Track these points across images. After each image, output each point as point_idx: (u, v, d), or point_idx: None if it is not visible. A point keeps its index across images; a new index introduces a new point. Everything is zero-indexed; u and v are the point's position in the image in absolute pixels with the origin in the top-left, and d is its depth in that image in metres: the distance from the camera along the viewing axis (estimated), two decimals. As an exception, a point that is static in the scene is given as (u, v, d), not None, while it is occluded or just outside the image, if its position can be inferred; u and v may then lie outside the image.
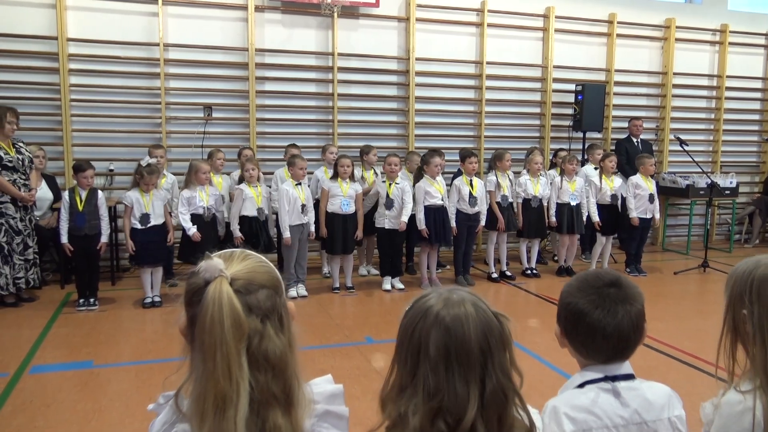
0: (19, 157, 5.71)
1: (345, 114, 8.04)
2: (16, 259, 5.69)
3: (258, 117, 7.68)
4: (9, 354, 4.59)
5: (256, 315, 1.10)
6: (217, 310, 1.06)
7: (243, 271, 1.13)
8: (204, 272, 1.10)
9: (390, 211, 6.45)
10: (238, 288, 1.10)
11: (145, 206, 5.80)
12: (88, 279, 5.82)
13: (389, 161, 6.47)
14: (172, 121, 7.46)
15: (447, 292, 1.24)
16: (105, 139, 7.22)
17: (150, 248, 5.84)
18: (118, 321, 5.49)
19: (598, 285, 1.48)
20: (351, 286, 6.55)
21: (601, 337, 1.45)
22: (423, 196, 6.50)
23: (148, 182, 5.78)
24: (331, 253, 6.49)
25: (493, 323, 1.19)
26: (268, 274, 1.17)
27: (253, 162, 6.25)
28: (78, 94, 7.13)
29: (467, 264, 6.96)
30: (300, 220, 6.23)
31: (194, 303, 1.12)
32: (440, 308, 1.20)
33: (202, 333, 1.07)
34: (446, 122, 8.45)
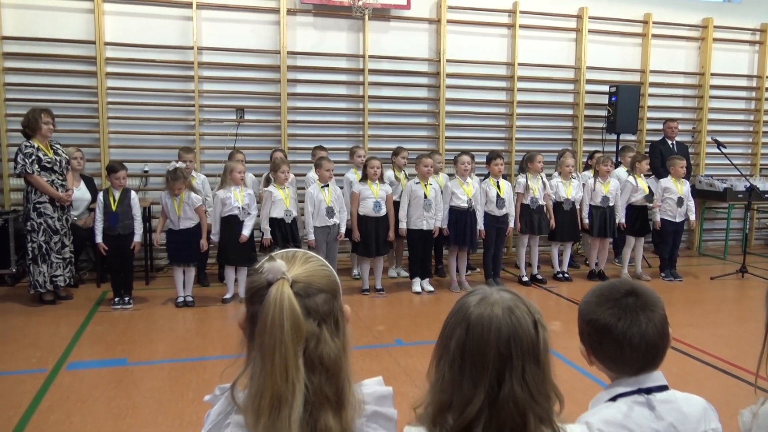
0: (56, 158, 5.86)
1: (375, 116, 8.05)
2: (54, 257, 5.82)
3: (289, 119, 7.74)
4: (47, 350, 4.70)
5: (314, 318, 1.13)
6: (278, 312, 1.08)
7: (303, 274, 1.15)
8: (267, 273, 1.13)
9: (429, 212, 6.44)
10: (297, 291, 1.13)
11: (176, 210, 5.89)
12: (122, 278, 5.93)
13: (424, 162, 6.46)
14: (205, 123, 7.57)
15: (491, 292, 1.24)
16: (140, 141, 7.36)
17: (182, 248, 5.93)
18: (152, 320, 5.58)
19: (616, 296, 1.45)
20: (380, 287, 6.55)
21: (629, 349, 1.42)
22: (450, 197, 6.47)
23: (173, 187, 5.87)
24: (366, 256, 6.50)
25: (524, 332, 1.16)
26: (327, 278, 1.18)
27: (288, 164, 6.30)
28: (114, 96, 7.28)
29: (497, 267, 6.90)
30: (326, 222, 6.25)
31: (255, 301, 1.15)
32: (473, 305, 1.20)
33: (263, 333, 1.09)
34: (477, 124, 8.40)
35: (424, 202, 6.42)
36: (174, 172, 5.90)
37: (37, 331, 5.20)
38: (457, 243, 6.54)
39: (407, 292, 6.56)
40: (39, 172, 5.71)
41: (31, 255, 5.76)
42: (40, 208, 5.74)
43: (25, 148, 5.69)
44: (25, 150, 5.68)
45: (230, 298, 6.13)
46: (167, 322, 5.54)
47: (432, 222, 6.45)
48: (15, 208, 6.87)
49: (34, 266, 5.77)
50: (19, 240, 6.38)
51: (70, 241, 6.01)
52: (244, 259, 6.10)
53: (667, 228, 7.21)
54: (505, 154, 8.02)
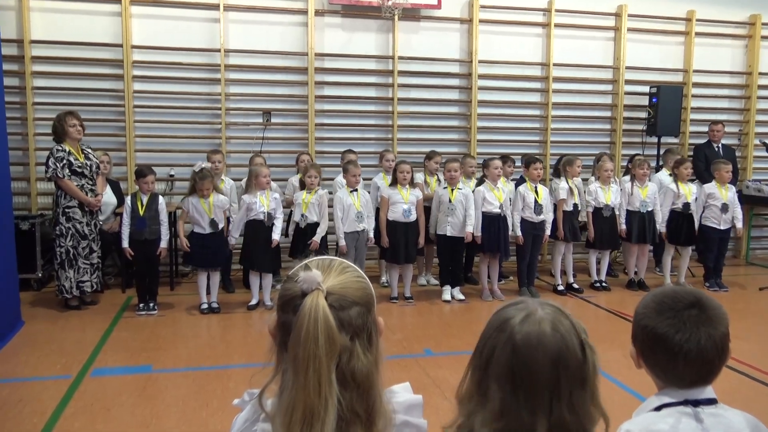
0: (87, 162, 5.96)
1: (405, 119, 8.05)
2: (81, 263, 5.91)
3: (317, 122, 7.78)
4: (72, 356, 4.78)
5: (347, 332, 1.13)
6: (313, 324, 1.08)
7: (338, 285, 1.15)
8: (302, 283, 1.13)
9: (452, 218, 6.40)
10: (331, 303, 1.12)
11: (208, 212, 5.94)
12: (148, 284, 6.01)
13: (449, 167, 6.43)
14: (231, 126, 7.65)
15: (534, 305, 1.20)
16: (166, 145, 7.47)
17: (207, 252, 5.99)
18: (177, 326, 5.64)
19: (678, 307, 1.41)
20: (410, 296, 6.53)
21: (683, 363, 1.39)
22: (481, 202, 6.44)
23: (202, 188, 5.92)
24: (394, 263, 6.49)
25: (571, 353, 1.13)
26: (362, 291, 1.18)
27: (317, 169, 6.31)
28: (141, 100, 7.41)
29: (531, 275, 6.82)
30: (355, 227, 6.26)
31: (288, 310, 1.15)
32: (517, 322, 1.17)
33: (296, 346, 1.09)
34: (510, 127, 8.34)
35: (447, 206, 6.39)
36: (202, 171, 5.95)
37: (62, 336, 5.30)
38: (489, 250, 6.49)
39: (437, 300, 6.53)
40: (69, 177, 5.82)
41: (59, 260, 5.87)
42: (69, 213, 5.84)
43: (56, 152, 5.81)
44: (56, 154, 5.80)
45: (255, 304, 6.17)
46: (192, 329, 5.60)
47: (456, 227, 6.40)
48: (42, 213, 7.03)
49: (61, 271, 5.87)
50: (45, 244, 6.51)
51: (98, 247, 6.11)
52: (269, 265, 6.15)
53: (711, 235, 7.04)
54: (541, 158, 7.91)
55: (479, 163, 7.11)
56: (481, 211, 6.44)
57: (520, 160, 7.33)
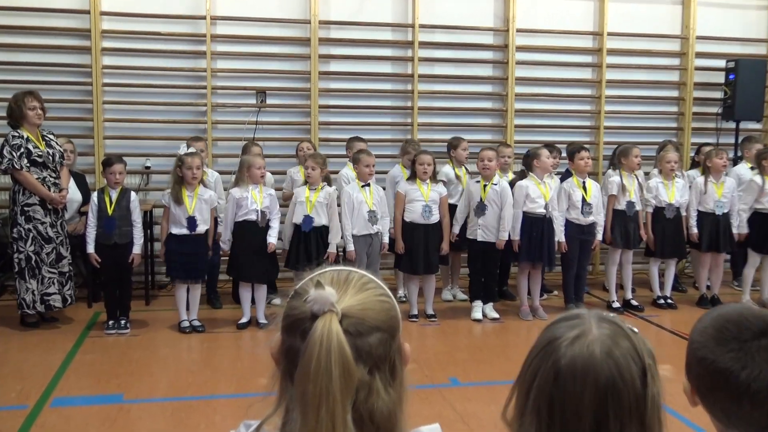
0: (49, 151, 5.99)
1: (427, 99, 8.05)
2: (46, 271, 5.91)
3: (321, 104, 7.79)
4: (29, 383, 4.82)
5: (365, 364, 1.12)
6: (325, 355, 1.07)
7: (357, 306, 1.14)
8: (312, 303, 1.12)
9: (483, 219, 6.39)
10: (347, 327, 1.11)
11: (188, 208, 5.96)
12: (118, 297, 6.05)
13: (483, 156, 6.41)
14: (219, 109, 7.69)
15: (590, 322, 1.19)
16: (141, 131, 7.52)
17: (187, 260, 5.98)
18: (153, 348, 5.67)
19: (745, 336, 1.36)
20: (432, 313, 6.52)
21: (750, 406, 1.35)
22: (523, 200, 6.41)
23: (191, 165, 5.83)
24: (411, 272, 6.48)
25: (625, 382, 1.12)
26: (385, 313, 1.17)
27: (316, 159, 6.26)
28: (111, 77, 7.47)
29: (580, 289, 6.80)
30: (367, 229, 6.26)
31: (294, 334, 1.14)
32: (565, 343, 1.16)
33: (305, 380, 1.08)
34: (555, 109, 8.31)
35: (477, 205, 6.38)
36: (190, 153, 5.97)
37: (17, 359, 5.35)
38: (530, 258, 6.47)
39: (465, 319, 6.52)
40: (28, 168, 5.85)
41: (17, 268, 5.87)
42: (28, 212, 5.86)
43: (12, 139, 5.82)
44: (12, 141, 5.81)
45: (246, 323, 6.19)
46: (171, 351, 5.62)
47: (488, 232, 6.39)
48: (-6, 212, 7.09)
49: (21, 282, 5.87)
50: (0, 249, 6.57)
51: (68, 251, 6.12)
52: (262, 275, 6.17)
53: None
54: (591, 146, 7.89)
55: (518, 153, 7.09)
56: (522, 210, 6.43)
57: (565, 150, 7.31)
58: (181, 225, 5.97)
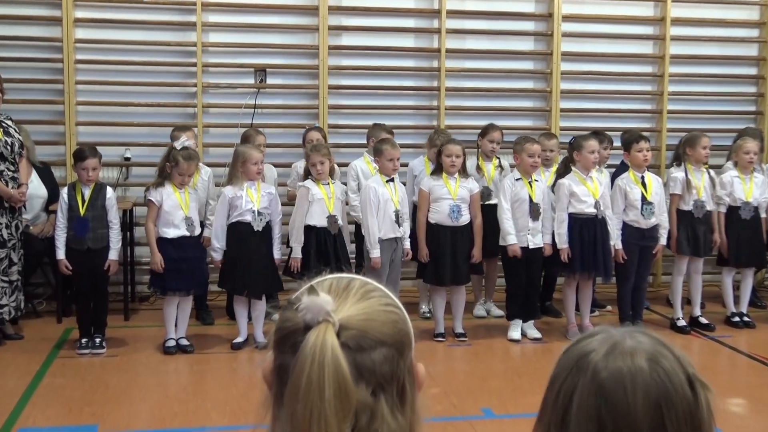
0: (6, 140, 6.03)
1: (456, 79, 8.02)
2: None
3: (331, 84, 7.79)
4: (-12, 411, 4.86)
5: (367, 384, 1.11)
6: (317, 370, 1.07)
7: (358, 316, 1.14)
8: (304, 311, 1.12)
9: (536, 223, 6.37)
10: (346, 341, 1.10)
11: (184, 207, 5.97)
12: (93, 310, 6.06)
13: (529, 149, 6.36)
14: (210, 90, 7.71)
15: (621, 335, 1.22)
16: (120, 116, 7.54)
17: (181, 268, 5.99)
18: (133, 370, 5.67)
19: None
20: (462, 332, 6.50)
21: None
22: (567, 200, 6.39)
23: (185, 172, 5.93)
24: (436, 283, 6.46)
25: (678, 393, 1.15)
26: (392, 325, 1.16)
27: (322, 151, 6.21)
28: (86, 53, 7.49)
29: (639, 304, 6.76)
30: (393, 232, 6.26)
31: (285, 349, 1.14)
32: (600, 357, 1.18)
33: (294, 400, 1.08)
34: (609, 90, 8.28)
35: (530, 206, 6.36)
36: (186, 150, 5.98)
37: (-26, 383, 5.39)
38: (581, 268, 6.43)
39: (502, 339, 6.49)
40: (-21, 160, 5.91)
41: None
42: (-21, 211, 5.93)
43: None
44: None
45: (242, 342, 6.20)
46: (154, 375, 5.63)
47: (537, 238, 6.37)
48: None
49: (-29, 293, 5.94)
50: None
51: (20, 258, 6.17)
52: (261, 286, 6.18)
53: None
54: (651, 135, 7.83)
55: (563, 144, 7.05)
56: (568, 212, 6.40)
57: (620, 139, 7.27)
58: (175, 226, 5.99)
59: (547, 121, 8.10)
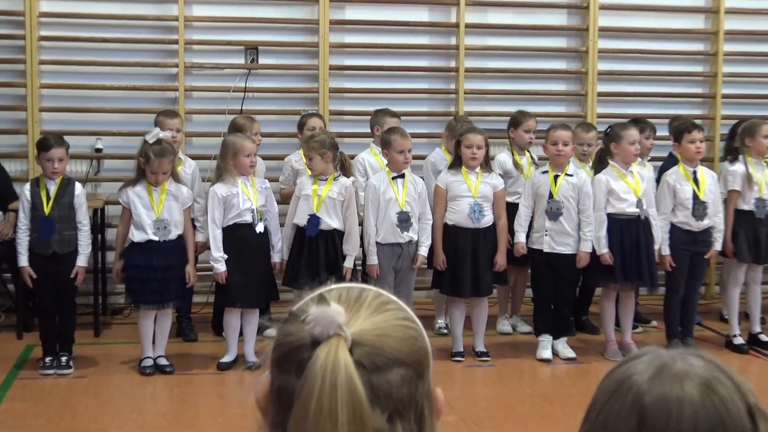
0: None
1: (478, 58, 8.02)
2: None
3: (333, 64, 7.79)
4: (-63, 440, 4.89)
5: (383, 409, 1.12)
6: (329, 392, 1.07)
7: (372, 332, 1.14)
8: (313, 324, 1.11)
9: (555, 224, 6.37)
10: (360, 359, 1.11)
11: (156, 209, 5.97)
12: (59, 325, 6.06)
13: (555, 137, 6.34)
14: (194, 71, 7.72)
15: (670, 357, 1.21)
16: (91, 101, 7.55)
17: (157, 276, 5.98)
18: (105, 394, 5.67)
19: None
20: (484, 350, 6.49)
21: None
22: (605, 198, 6.39)
23: (158, 170, 5.94)
24: (454, 294, 6.45)
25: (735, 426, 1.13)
26: (410, 342, 1.17)
27: (311, 145, 6.12)
28: (51, 28, 7.50)
29: (689, 319, 6.76)
30: (395, 236, 6.25)
31: (288, 368, 1.14)
32: (645, 381, 1.17)
33: (301, 427, 1.08)
34: (654, 72, 8.27)
35: (547, 204, 6.36)
36: (160, 143, 5.97)
37: None
38: (622, 276, 6.42)
39: (530, 358, 6.48)
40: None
41: None
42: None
43: None
44: None
45: (231, 362, 6.19)
46: (129, 400, 5.63)
47: (560, 240, 6.35)
48: None
49: None
50: None
51: None
52: (258, 298, 6.19)
53: None
54: (703, 123, 7.81)
55: (600, 133, 7.04)
56: (606, 212, 6.40)
57: (668, 128, 7.25)
58: (144, 229, 5.98)
59: (582, 107, 8.10)
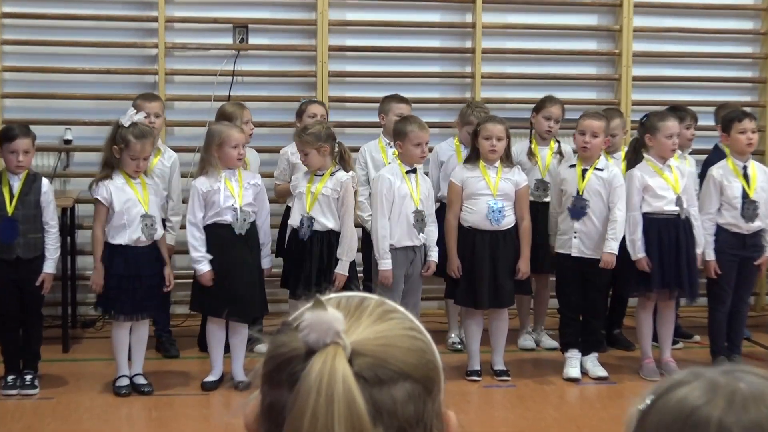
0: None
1: (496, 38, 8.03)
2: None
3: (333, 44, 7.80)
4: None
5: (386, 428, 1.11)
6: (324, 407, 1.06)
7: (376, 341, 1.14)
8: (307, 331, 1.10)
9: (581, 224, 6.33)
10: (360, 371, 1.10)
11: (143, 203, 5.96)
12: (23, 339, 6.07)
13: (584, 127, 6.34)
14: (176, 52, 7.73)
15: (723, 377, 1.19)
16: (60, 85, 7.57)
17: (134, 286, 5.99)
18: (74, 417, 5.67)
19: None
20: (504, 368, 6.49)
21: None
22: (640, 196, 6.37)
23: (140, 154, 5.89)
24: (470, 305, 6.45)
25: None
26: (417, 354, 1.17)
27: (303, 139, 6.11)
28: (13, 4, 7.52)
29: (737, 333, 6.76)
30: (410, 239, 6.26)
31: (279, 382, 1.13)
32: (722, 411, 1.14)
33: None
34: (697, 53, 8.27)
35: (573, 201, 6.33)
36: (135, 127, 5.95)
37: None
38: (660, 284, 6.40)
39: (556, 377, 6.49)
40: None
41: None
42: None
43: None
44: None
45: (217, 381, 6.19)
46: (102, 423, 5.62)
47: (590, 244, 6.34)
48: None
49: None
50: None
51: None
52: (247, 309, 6.17)
53: None
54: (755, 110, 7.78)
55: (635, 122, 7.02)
56: (641, 211, 6.37)
57: (713, 117, 7.25)
58: (131, 228, 5.96)
59: (615, 93, 8.11)
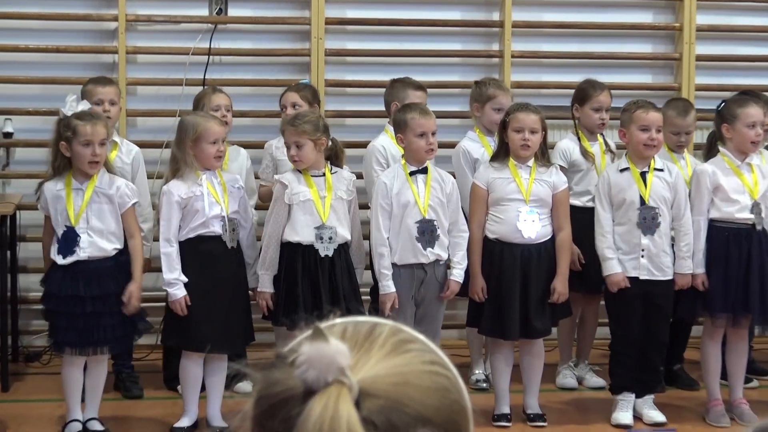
0: None
1: (528, 9, 8.12)
2: None
3: (330, 17, 7.86)
4: None
5: None
6: None
7: (388, 377, 1.14)
8: (305, 367, 1.12)
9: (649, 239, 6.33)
10: (369, 416, 1.11)
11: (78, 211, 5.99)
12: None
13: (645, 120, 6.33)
14: (139, 26, 7.82)
15: None
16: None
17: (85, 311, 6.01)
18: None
19: None
20: (539, 412, 6.52)
21: None
22: (709, 198, 6.42)
23: (93, 138, 5.85)
24: (498, 335, 6.50)
25: None
26: (440, 395, 1.17)
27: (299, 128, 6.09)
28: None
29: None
30: (414, 255, 6.29)
31: (272, 429, 1.15)
32: None
33: None
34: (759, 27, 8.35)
35: (638, 212, 6.40)
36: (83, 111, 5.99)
37: None
38: (729, 308, 6.44)
39: (603, 423, 6.52)
40: None
41: None
42: None
43: None
44: None
45: (191, 427, 6.24)
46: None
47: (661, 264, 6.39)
48: None
49: None
50: None
51: None
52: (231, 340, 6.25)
53: None
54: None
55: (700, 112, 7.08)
56: (708, 217, 6.43)
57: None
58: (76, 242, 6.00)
59: (675, 76, 8.17)
